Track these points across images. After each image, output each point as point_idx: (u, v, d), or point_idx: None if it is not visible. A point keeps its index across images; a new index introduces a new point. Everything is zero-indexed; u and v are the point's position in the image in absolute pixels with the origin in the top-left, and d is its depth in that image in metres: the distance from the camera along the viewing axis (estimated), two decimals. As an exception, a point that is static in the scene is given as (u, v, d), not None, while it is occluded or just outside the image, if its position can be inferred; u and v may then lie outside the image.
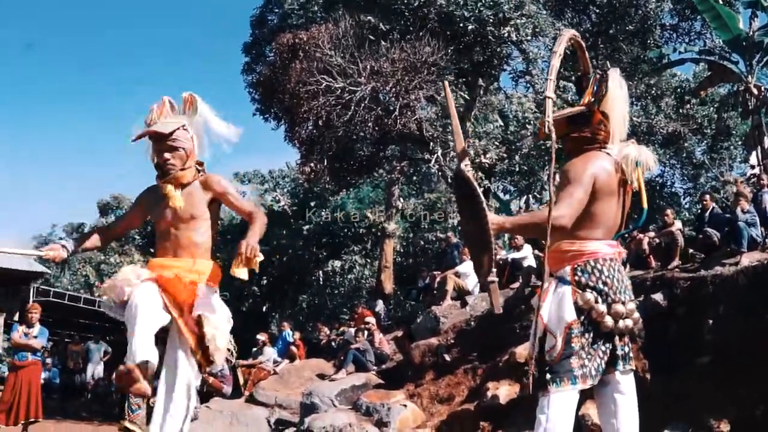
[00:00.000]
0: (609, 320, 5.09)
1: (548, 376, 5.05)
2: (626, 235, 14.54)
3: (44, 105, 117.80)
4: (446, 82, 6.15)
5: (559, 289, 5.15)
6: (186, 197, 5.95)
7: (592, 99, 5.40)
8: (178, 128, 5.94)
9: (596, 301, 5.08)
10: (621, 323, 5.15)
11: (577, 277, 5.12)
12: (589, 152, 5.26)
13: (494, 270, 5.07)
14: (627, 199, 5.39)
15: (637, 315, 5.29)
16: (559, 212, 4.93)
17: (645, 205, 5.37)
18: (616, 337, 5.18)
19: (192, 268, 5.90)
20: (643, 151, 5.32)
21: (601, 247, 5.17)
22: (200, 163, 6.14)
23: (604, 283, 5.11)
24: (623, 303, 5.16)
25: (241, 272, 5.41)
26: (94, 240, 6.20)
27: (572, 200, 5.00)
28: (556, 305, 5.12)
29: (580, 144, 5.32)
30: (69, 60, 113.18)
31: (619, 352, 5.20)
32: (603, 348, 5.13)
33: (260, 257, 5.46)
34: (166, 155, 5.89)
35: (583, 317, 5.09)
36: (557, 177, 5.41)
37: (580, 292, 5.09)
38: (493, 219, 4.95)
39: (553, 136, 5.00)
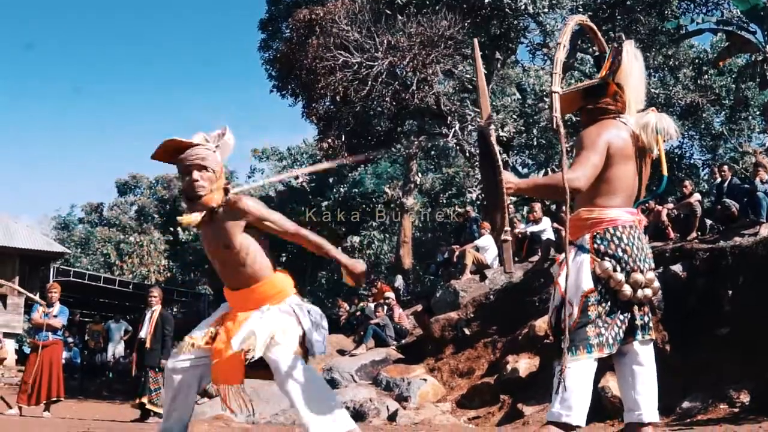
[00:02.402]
0: (627, 289, 5.06)
1: (564, 345, 5.05)
2: (646, 205, 14.50)
3: (62, 84, 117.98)
4: (476, 41, 6.08)
5: (578, 258, 5.11)
6: (214, 226, 5.43)
7: (607, 72, 5.37)
8: (202, 144, 5.44)
9: (614, 270, 5.03)
10: (640, 292, 5.10)
11: (596, 245, 5.08)
12: (603, 121, 5.24)
13: (508, 229, 5.08)
14: (646, 167, 5.34)
15: (657, 284, 5.25)
16: (574, 174, 4.91)
17: (665, 173, 5.33)
18: (635, 307, 5.16)
19: (250, 297, 5.54)
20: (664, 118, 5.29)
21: (620, 215, 5.12)
22: (228, 183, 5.55)
23: (624, 251, 5.07)
24: (642, 272, 5.13)
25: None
26: None
27: (587, 164, 4.98)
28: (574, 274, 5.10)
29: (595, 115, 5.28)
30: (84, 40, 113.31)
31: (638, 322, 5.16)
32: (621, 317, 5.10)
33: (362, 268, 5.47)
34: (195, 174, 5.34)
35: (600, 286, 5.05)
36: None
37: (599, 260, 5.04)
38: (509, 179, 4.94)
39: (562, 131, 4.96)
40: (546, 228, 18.04)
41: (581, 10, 24.79)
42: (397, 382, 14.58)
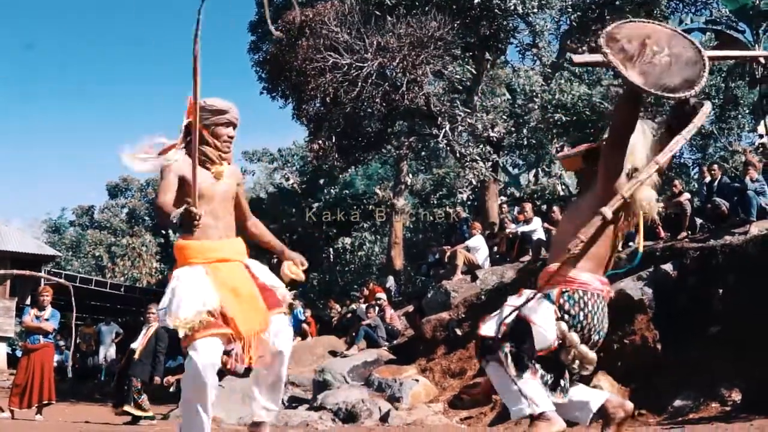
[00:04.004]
0: (572, 353, 5.11)
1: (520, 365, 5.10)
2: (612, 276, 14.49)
3: (51, 88, 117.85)
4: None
5: (544, 304, 5.13)
6: (227, 179, 5.89)
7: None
8: None
9: (569, 329, 5.07)
10: (578, 363, 5.15)
11: (562, 301, 5.08)
12: None
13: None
14: (619, 238, 5.36)
15: (594, 359, 5.28)
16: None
17: (641, 249, 5.37)
18: (566, 371, 5.22)
19: (239, 248, 5.89)
20: (646, 191, 5.27)
21: (592, 281, 5.13)
22: None
23: (585, 317, 5.07)
24: (590, 345, 5.18)
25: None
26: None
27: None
28: (542, 319, 5.11)
29: (592, 178, 5.27)
30: (75, 42, 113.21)
31: (562, 383, 5.21)
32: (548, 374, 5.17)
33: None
34: (232, 133, 5.85)
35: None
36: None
37: (558, 318, 5.08)
38: None
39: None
40: (537, 228, 18.06)
41: (570, 10, 24.84)
42: (389, 382, 14.59)
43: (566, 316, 5.06)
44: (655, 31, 5.15)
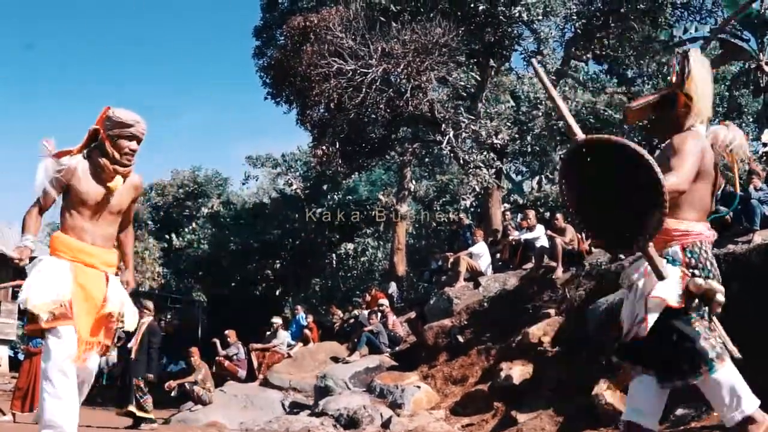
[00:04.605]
0: (721, 297, 5.11)
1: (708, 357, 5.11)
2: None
3: (51, 88, 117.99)
4: (534, 61, 5.94)
5: (672, 270, 5.07)
6: (122, 192, 6.11)
7: (677, 82, 5.28)
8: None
9: (705, 281, 5.05)
10: (719, 309, 5.16)
11: (687, 258, 5.07)
12: (693, 131, 5.17)
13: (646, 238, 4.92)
14: (717, 183, 5.33)
15: (723, 303, 5.26)
16: (677, 179, 4.85)
17: (738, 190, 5.41)
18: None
19: (109, 260, 6.13)
20: (737, 133, 5.30)
21: (704, 229, 5.17)
22: None
23: (711, 264, 5.09)
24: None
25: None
26: (39, 225, 6.30)
27: (686, 168, 4.94)
28: (669, 285, 5.05)
29: (665, 128, 5.27)
30: (75, 42, 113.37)
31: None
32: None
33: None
34: (135, 147, 6.03)
35: (695, 301, 5.09)
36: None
37: (689, 277, 5.04)
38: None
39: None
40: (540, 235, 18.00)
41: (575, 17, 24.83)
42: (391, 389, 14.57)
43: (696, 272, 5.07)
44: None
